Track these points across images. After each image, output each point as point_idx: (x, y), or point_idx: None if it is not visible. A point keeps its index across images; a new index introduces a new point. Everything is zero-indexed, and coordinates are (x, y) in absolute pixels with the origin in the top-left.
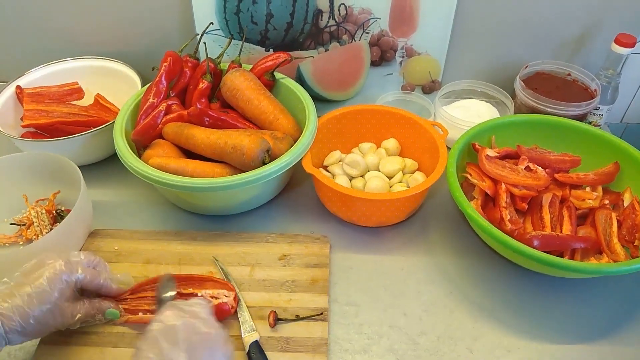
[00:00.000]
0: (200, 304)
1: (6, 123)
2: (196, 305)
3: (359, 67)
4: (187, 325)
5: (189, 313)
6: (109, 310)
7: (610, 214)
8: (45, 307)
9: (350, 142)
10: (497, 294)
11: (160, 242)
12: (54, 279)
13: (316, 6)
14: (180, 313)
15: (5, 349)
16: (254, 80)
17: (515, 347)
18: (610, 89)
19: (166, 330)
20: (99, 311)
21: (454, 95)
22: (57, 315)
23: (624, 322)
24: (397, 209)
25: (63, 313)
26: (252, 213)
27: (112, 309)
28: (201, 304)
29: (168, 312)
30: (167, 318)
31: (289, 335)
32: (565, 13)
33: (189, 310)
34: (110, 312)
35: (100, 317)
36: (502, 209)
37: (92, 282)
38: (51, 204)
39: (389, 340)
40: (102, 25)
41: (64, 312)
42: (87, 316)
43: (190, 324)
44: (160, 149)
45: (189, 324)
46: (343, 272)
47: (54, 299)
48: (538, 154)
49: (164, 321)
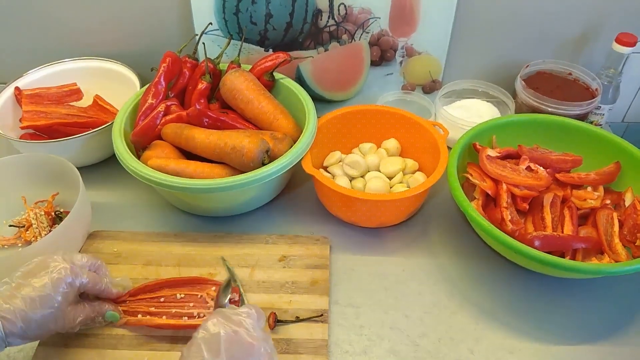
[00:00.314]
0: (248, 312)
1: (5, 124)
2: (243, 313)
3: (359, 67)
4: (230, 335)
5: (235, 322)
6: (109, 313)
7: (611, 214)
8: (48, 311)
9: (350, 142)
10: (498, 295)
11: (160, 244)
12: (58, 283)
13: (316, 6)
14: (226, 322)
15: (5, 351)
16: (254, 81)
17: (517, 349)
18: (612, 89)
19: (209, 339)
20: (99, 314)
21: (455, 95)
22: (59, 319)
23: (625, 323)
24: (397, 209)
25: (65, 317)
26: (252, 214)
27: (111, 311)
28: (249, 312)
29: (214, 319)
30: (212, 326)
31: (289, 336)
32: (566, 12)
33: (235, 319)
34: (110, 314)
35: (100, 319)
36: (503, 209)
37: (94, 287)
38: (50, 205)
39: (390, 342)
40: (100, 26)
41: (66, 316)
42: (88, 319)
43: (234, 334)
44: (159, 150)
45: (233, 333)
46: (343, 274)
47: (57, 303)
48: (539, 154)
49: (209, 329)
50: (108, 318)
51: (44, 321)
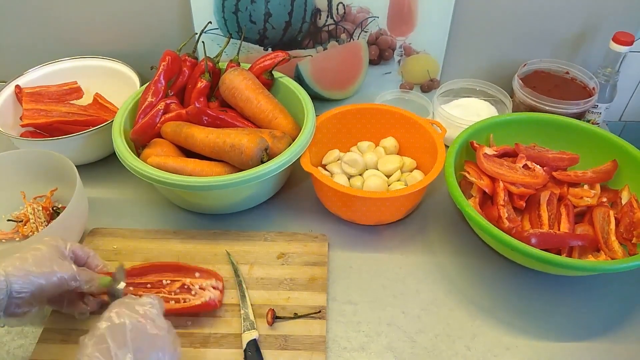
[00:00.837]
0: (151, 302)
1: (5, 122)
2: (147, 304)
3: (357, 66)
4: (135, 325)
5: (139, 312)
6: (102, 278)
7: (608, 211)
8: (40, 254)
9: (348, 140)
10: (495, 292)
11: (159, 241)
12: (44, 242)
13: (314, 5)
14: (130, 312)
15: (4, 347)
16: (253, 80)
17: (514, 345)
18: (609, 87)
19: (114, 329)
20: (94, 278)
21: (453, 93)
22: (54, 264)
23: (621, 320)
24: (395, 207)
25: (61, 265)
26: (250, 212)
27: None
28: (152, 302)
29: (117, 309)
30: (116, 316)
31: (287, 333)
32: (564, 11)
33: (139, 309)
34: (103, 279)
35: (96, 286)
36: (500, 207)
37: (81, 252)
38: (48, 201)
39: (387, 338)
40: (101, 25)
41: (62, 265)
42: (86, 275)
43: (139, 324)
44: (158, 148)
45: (138, 323)
46: (341, 271)
47: (47, 253)
48: (536, 152)
49: (113, 319)
50: (102, 284)
51: (39, 262)
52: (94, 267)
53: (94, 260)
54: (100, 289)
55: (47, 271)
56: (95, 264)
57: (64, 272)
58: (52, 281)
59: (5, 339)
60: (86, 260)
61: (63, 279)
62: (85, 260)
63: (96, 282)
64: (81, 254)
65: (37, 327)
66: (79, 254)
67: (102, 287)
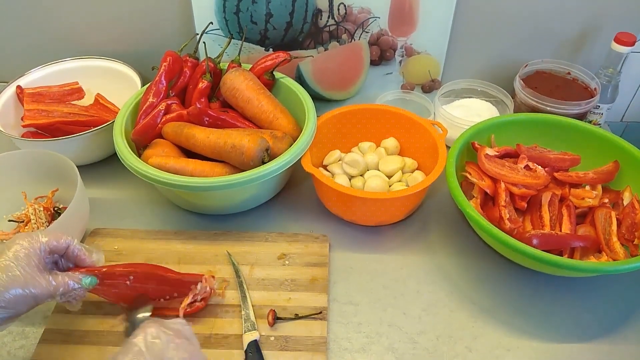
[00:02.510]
0: (182, 322)
1: (7, 123)
2: (179, 324)
3: (358, 66)
4: (171, 344)
5: (173, 331)
6: (85, 278)
7: (609, 212)
8: (10, 274)
9: (349, 141)
10: (496, 293)
11: (160, 242)
12: (17, 251)
13: (315, 5)
14: (166, 330)
15: (5, 347)
16: (254, 80)
17: (515, 346)
18: (610, 88)
19: (151, 346)
20: (76, 280)
21: (454, 94)
22: (29, 285)
23: (623, 321)
24: (396, 208)
25: (35, 284)
26: (251, 212)
27: (86, 275)
28: (182, 322)
29: (152, 329)
30: (152, 334)
31: (288, 334)
32: (565, 12)
33: (173, 327)
34: (86, 278)
35: (79, 288)
36: (501, 208)
37: (58, 243)
38: (49, 201)
39: (388, 339)
40: (102, 26)
41: (36, 283)
42: (64, 286)
43: (175, 344)
44: (159, 149)
45: (174, 343)
46: (342, 271)
47: (20, 269)
48: (537, 153)
49: (148, 337)
50: (85, 283)
51: (10, 284)
52: (74, 258)
53: (75, 250)
54: (84, 294)
55: (20, 294)
56: (76, 255)
57: (38, 290)
58: (26, 302)
59: (6, 340)
60: (66, 252)
61: (39, 297)
62: (65, 251)
63: (77, 292)
64: (59, 245)
65: (38, 327)
66: (58, 248)
67: (87, 289)
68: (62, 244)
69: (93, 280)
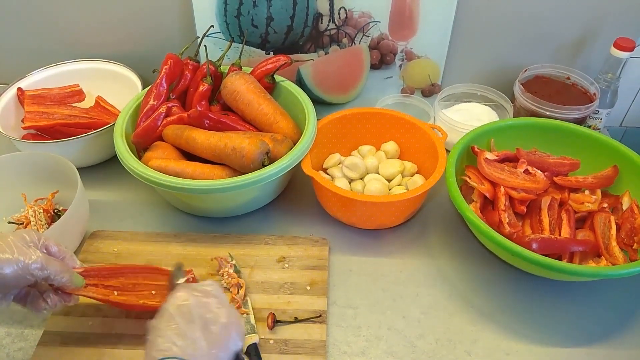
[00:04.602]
0: (211, 284)
1: (7, 125)
2: (208, 285)
3: (358, 70)
4: (200, 303)
5: (202, 292)
6: (77, 276)
7: (609, 217)
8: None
9: (349, 144)
10: (496, 297)
11: (159, 244)
12: (13, 235)
13: (316, 10)
14: (194, 292)
15: (4, 349)
16: (254, 83)
17: (514, 350)
18: (610, 93)
19: (181, 308)
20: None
21: (454, 98)
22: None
23: (622, 326)
24: (396, 211)
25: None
26: (251, 215)
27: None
28: (212, 284)
29: (181, 292)
30: (181, 297)
31: (288, 337)
32: (565, 17)
33: (202, 289)
34: (77, 277)
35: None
36: (501, 212)
37: (53, 249)
38: (49, 203)
39: (387, 343)
40: (103, 28)
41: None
42: (56, 264)
43: (204, 302)
44: (160, 151)
45: (203, 302)
46: (342, 275)
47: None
48: (537, 157)
49: (178, 300)
50: (76, 279)
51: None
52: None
53: (71, 261)
54: (73, 284)
55: (9, 257)
56: (72, 265)
57: (28, 260)
58: (14, 270)
59: (5, 342)
60: (61, 259)
61: (27, 267)
62: (60, 259)
63: (68, 275)
64: (55, 252)
65: (37, 329)
66: (53, 252)
67: (75, 285)
68: (59, 253)
69: (79, 281)
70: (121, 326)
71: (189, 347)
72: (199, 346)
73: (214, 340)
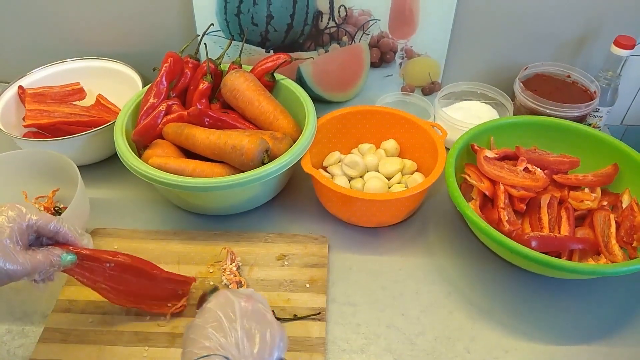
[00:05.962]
0: (251, 290)
1: (8, 123)
2: (249, 290)
3: (358, 68)
4: (243, 304)
5: (244, 294)
6: (64, 255)
7: (608, 215)
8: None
9: (349, 142)
10: (495, 294)
11: (159, 242)
12: (1, 222)
13: (316, 8)
14: (237, 294)
15: (5, 346)
16: (254, 81)
17: (513, 348)
18: (610, 91)
19: (224, 305)
20: (55, 258)
21: (454, 96)
22: (7, 260)
23: (622, 323)
24: (395, 209)
25: (13, 260)
26: (251, 213)
27: (66, 253)
28: (251, 290)
29: (224, 292)
30: (224, 296)
31: (287, 334)
32: (565, 15)
33: (244, 291)
34: (65, 256)
35: (58, 262)
36: (500, 210)
37: (46, 228)
38: (50, 201)
39: (387, 340)
40: (103, 26)
41: (14, 260)
42: (42, 266)
43: (247, 303)
44: (160, 149)
45: (245, 303)
46: (341, 272)
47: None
48: (537, 155)
49: (220, 298)
50: (64, 261)
51: None
52: (63, 240)
53: (65, 237)
54: (55, 273)
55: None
56: (65, 240)
57: (14, 267)
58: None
59: (6, 338)
60: (54, 236)
61: (13, 276)
62: (53, 236)
63: (55, 269)
64: (46, 228)
65: (37, 326)
66: (45, 230)
67: (64, 266)
68: (51, 229)
69: (73, 258)
70: (121, 323)
71: (232, 348)
72: (244, 347)
73: (263, 345)
